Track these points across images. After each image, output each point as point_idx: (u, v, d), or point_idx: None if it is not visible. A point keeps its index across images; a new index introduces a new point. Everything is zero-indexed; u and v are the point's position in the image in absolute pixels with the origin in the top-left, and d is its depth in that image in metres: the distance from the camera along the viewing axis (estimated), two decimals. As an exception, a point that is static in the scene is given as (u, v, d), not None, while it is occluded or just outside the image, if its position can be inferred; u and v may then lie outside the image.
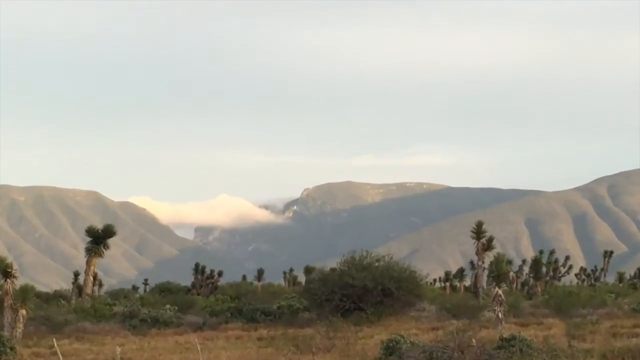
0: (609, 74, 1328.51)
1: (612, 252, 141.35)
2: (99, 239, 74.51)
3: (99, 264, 78.86)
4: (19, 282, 48.47)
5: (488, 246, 77.45)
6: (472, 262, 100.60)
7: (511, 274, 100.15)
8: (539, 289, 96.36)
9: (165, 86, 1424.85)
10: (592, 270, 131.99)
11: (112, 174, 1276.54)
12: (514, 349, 28.01)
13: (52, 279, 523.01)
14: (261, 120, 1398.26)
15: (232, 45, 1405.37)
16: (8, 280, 47.44)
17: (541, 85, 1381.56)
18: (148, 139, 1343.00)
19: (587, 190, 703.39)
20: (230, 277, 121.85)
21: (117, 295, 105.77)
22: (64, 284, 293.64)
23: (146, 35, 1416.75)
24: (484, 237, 77.43)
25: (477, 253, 78.38)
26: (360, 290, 57.97)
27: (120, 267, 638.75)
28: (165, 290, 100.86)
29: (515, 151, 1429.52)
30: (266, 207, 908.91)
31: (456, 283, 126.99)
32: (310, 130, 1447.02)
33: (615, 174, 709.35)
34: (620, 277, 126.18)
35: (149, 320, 57.46)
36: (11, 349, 36.82)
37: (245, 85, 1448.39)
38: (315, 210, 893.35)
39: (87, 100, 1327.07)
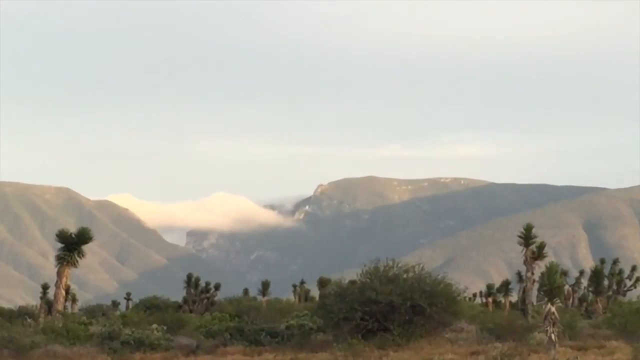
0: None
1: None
2: (72, 245, 74.38)
3: (72, 275, 78.96)
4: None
5: (539, 254, 77.46)
6: (519, 274, 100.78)
7: (566, 287, 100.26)
8: (600, 306, 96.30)
9: (149, 63, 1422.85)
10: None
11: (87, 167, 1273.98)
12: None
13: (15, 293, 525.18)
14: (265, 103, 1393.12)
15: (230, 14, 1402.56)
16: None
17: (604, 62, 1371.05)
18: (129, 126, 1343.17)
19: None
20: (229, 290, 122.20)
21: (94, 312, 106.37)
22: (30, 299, 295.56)
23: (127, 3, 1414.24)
24: (533, 243, 77.43)
25: (525, 263, 78.38)
26: (386, 307, 57.78)
27: (97, 278, 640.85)
28: (152, 306, 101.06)
29: (571, 141, 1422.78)
30: (272, 208, 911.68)
31: (500, 298, 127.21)
32: (324, 116, 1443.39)
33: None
34: None
35: (132, 342, 57.41)
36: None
37: (244, 61, 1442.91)
38: (331, 211, 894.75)
39: (56, 79, 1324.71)
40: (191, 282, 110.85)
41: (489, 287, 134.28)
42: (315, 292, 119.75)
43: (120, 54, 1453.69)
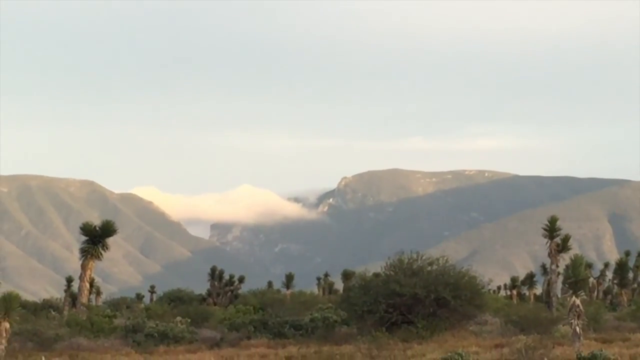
0: None
1: None
2: (96, 237, 74.46)
3: (96, 268, 79.04)
4: (1, 290, 48.82)
5: (563, 247, 77.33)
6: (543, 266, 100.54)
7: (591, 280, 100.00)
8: (625, 298, 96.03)
9: (177, 55, 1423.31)
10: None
11: (111, 160, 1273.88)
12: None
13: (40, 286, 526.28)
14: (289, 95, 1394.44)
15: (252, 7, 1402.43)
16: (-11, 287, 47.83)
17: (629, 54, 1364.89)
18: (154, 119, 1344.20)
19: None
20: (253, 283, 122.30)
21: (118, 305, 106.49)
22: (54, 292, 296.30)
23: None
24: (558, 235, 77.28)
25: (550, 255, 78.23)
26: (410, 300, 57.82)
27: (122, 271, 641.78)
28: (176, 299, 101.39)
29: (595, 133, 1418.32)
30: (296, 200, 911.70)
31: (525, 291, 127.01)
32: (348, 108, 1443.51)
33: None
34: None
35: (156, 335, 57.51)
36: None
37: (270, 55, 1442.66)
38: (355, 204, 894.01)
39: (81, 75, 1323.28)
40: (215, 274, 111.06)
41: (513, 279, 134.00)
42: (339, 285, 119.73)
43: (146, 46, 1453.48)
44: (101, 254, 74.54)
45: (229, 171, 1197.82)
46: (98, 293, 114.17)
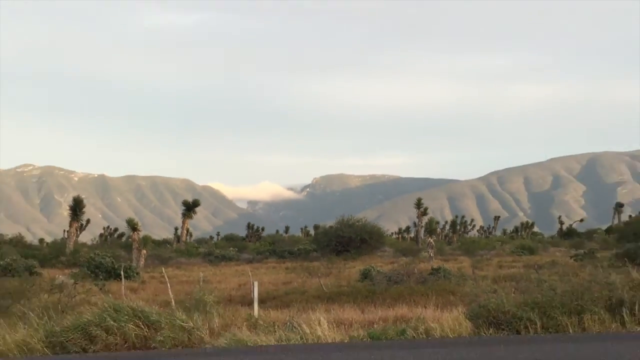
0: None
1: (499, 217, 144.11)
2: (190, 207, 74.57)
3: (190, 223, 79.01)
4: (142, 234, 48.75)
5: (424, 213, 77.68)
6: (414, 223, 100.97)
7: (438, 229, 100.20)
8: (455, 239, 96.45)
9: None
10: (486, 228, 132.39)
11: (199, 162, 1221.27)
12: (440, 274, 28.08)
13: (161, 232, 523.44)
14: (274, 143, 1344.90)
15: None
16: (135, 232, 47.75)
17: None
18: (223, 141, 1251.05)
19: (485, 179, 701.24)
20: (268, 231, 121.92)
21: (200, 242, 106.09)
22: (169, 235, 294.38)
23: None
24: (422, 207, 77.69)
25: (417, 217, 78.66)
26: (347, 239, 58.01)
27: (202, 225, 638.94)
28: (230, 239, 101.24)
29: (444, 156, 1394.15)
30: (291, 189, 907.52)
31: (405, 235, 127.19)
32: (317, 143, 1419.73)
33: (502, 169, 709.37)
34: (504, 232, 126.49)
35: (220, 257, 57.65)
36: (137, 273, 37.00)
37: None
38: (321, 191, 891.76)
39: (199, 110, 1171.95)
40: (250, 227, 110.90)
41: (400, 229, 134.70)
42: (312, 232, 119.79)
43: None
44: (192, 215, 74.64)
45: (257, 172, 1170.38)
46: (190, 235, 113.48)
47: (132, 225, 48.51)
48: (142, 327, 12.04)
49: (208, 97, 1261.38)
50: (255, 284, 16.81)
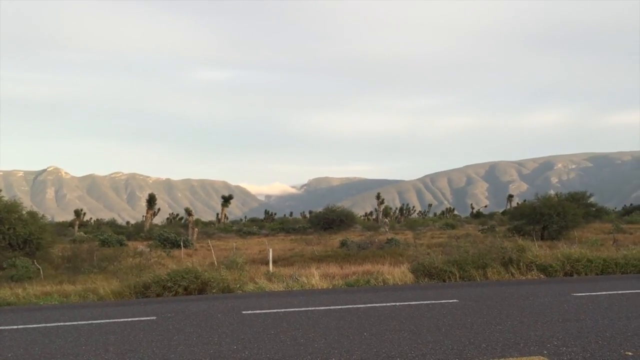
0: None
1: (431, 205, 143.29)
2: (226, 200, 74.15)
3: (226, 210, 78.25)
4: (194, 218, 48.45)
5: (381, 202, 77.40)
6: (375, 209, 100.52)
7: (391, 213, 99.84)
8: (402, 220, 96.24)
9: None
10: (423, 212, 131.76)
11: (233, 171, 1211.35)
12: (392, 243, 28.08)
13: (208, 217, 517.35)
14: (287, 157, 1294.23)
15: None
16: (190, 217, 47.71)
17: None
18: (249, 154, 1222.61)
19: (422, 180, 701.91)
20: (279, 215, 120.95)
21: (234, 223, 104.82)
22: (212, 218, 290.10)
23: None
24: (380, 199, 77.36)
25: (377, 205, 78.32)
26: (331, 220, 57.00)
27: (235, 211, 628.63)
28: (253, 220, 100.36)
29: (395, 163, 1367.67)
30: (294, 187, 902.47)
31: (370, 217, 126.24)
32: (311, 155, 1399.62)
33: (433, 173, 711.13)
34: (435, 215, 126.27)
35: (247, 232, 57.11)
36: (191, 244, 36.78)
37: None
38: (313, 188, 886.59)
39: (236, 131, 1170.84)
40: (266, 212, 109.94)
41: (367, 213, 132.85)
42: (308, 216, 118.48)
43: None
44: (227, 205, 74.06)
45: (271, 175, 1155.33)
46: (227, 218, 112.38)
47: (188, 212, 48.62)
48: (195, 280, 12.08)
49: (241, 125, 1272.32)
50: (270, 250, 16.84)
